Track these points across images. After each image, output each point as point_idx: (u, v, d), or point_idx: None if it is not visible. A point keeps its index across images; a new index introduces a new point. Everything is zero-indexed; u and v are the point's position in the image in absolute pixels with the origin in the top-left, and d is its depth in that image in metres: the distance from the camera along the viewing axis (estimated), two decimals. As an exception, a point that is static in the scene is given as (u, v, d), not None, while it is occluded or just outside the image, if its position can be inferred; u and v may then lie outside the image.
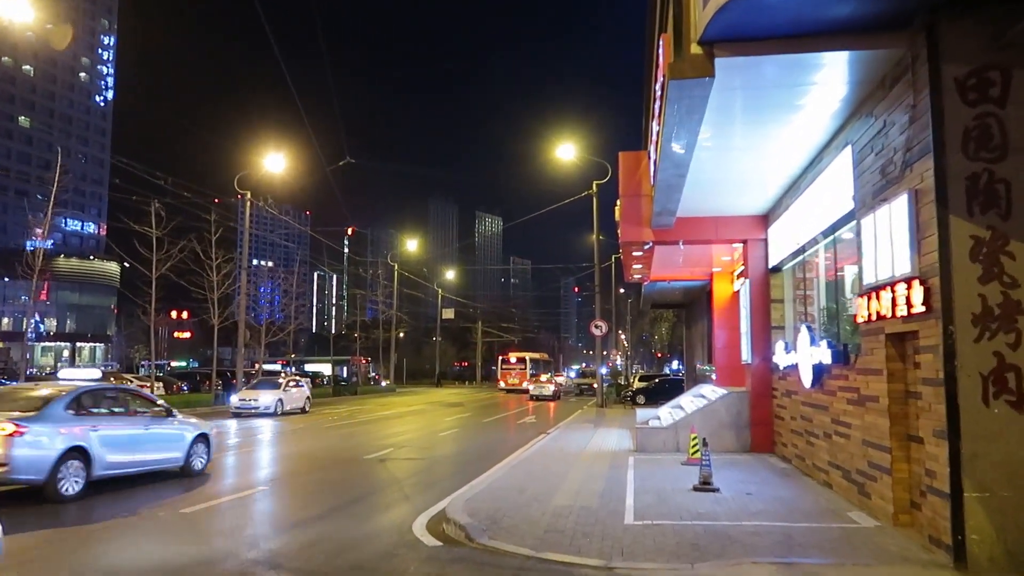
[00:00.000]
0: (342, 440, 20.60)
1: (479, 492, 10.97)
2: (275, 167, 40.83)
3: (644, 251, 18.23)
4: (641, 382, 47.82)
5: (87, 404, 11.74)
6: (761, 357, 16.15)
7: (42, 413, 10.85)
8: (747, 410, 16.31)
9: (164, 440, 12.88)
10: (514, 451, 17.34)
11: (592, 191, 39.28)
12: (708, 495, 10.68)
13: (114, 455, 11.67)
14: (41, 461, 10.42)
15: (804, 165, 12.48)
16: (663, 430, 16.75)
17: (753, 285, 16.45)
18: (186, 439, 13.27)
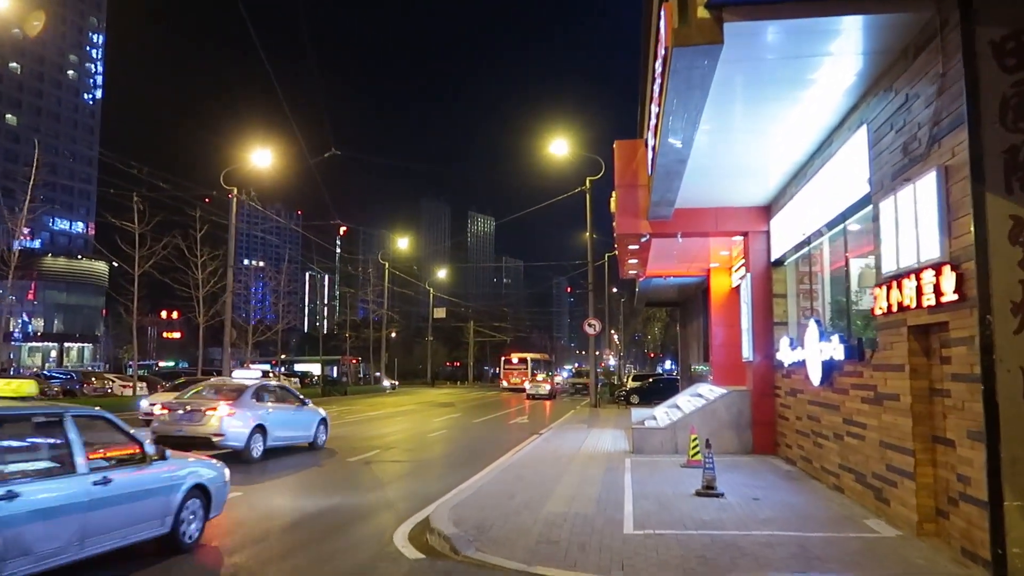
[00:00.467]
0: (327, 442, 19.83)
1: (466, 498, 10.23)
2: (262, 162, 39.93)
3: (640, 244, 17.52)
4: (635, 382, 47.15)
5: (262, 395, 16.32)
6: (763, 354, 15.46)
7: (240, 400, 15.36)
8: (748, 410, 15.62)
9: (304, 422, 17.31)
10: (505, 453, 16.61)
11: (585, 187, 38.64)
12: (712, 501, 9.95)
13: (278, 431, 16.08)
14: (241, 433, 14.86)
15: (812, 150, 11.79)
16: (660, 431, 16.04)
17: (754, 280, 15.76)
18: (315, 422, 17.59)
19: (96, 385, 35.08)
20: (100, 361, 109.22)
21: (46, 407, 7.14)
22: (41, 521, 6.01)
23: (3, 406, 6.57)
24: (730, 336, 22.35)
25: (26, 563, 5.87)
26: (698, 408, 16.32)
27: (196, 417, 14.82)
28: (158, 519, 7.44)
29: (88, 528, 6.47)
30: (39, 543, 5.98)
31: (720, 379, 22.23)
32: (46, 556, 6.06)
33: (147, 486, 7.32)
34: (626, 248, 18.07)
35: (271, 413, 15.94)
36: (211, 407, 14.88)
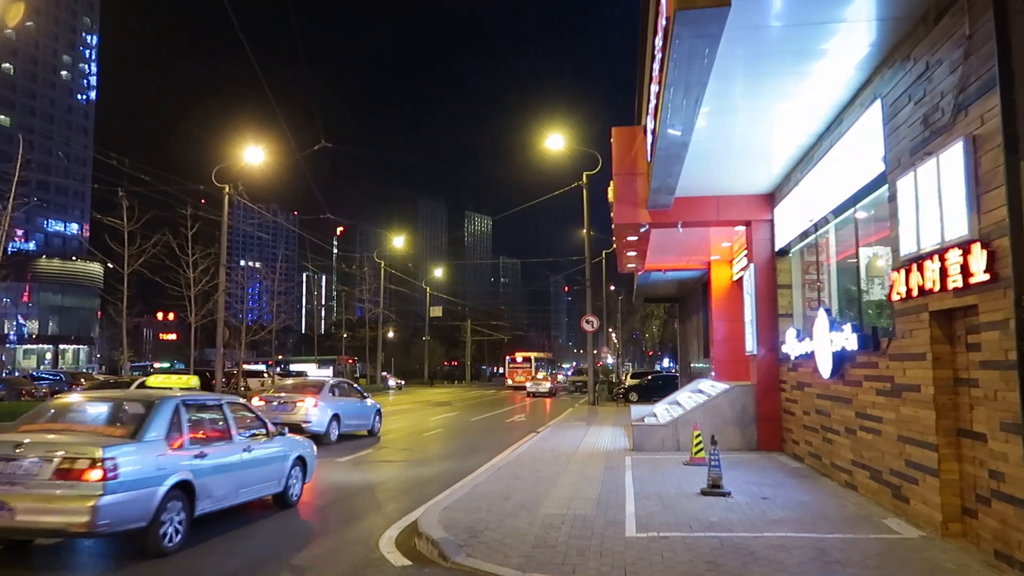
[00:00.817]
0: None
1: (459, 499, 9.67)
2: (254, 159, 39.35)
3: (639, 235, 16.95)
4: (633, 379, 46.63)
5: (335, 390, 19.47)
6: (768, 348, 14.91)
7: (322, 394, 18.55)
8: (753, 405, 15.07)
9: (365, 413, 20.52)
10: (501, 451, 16.07)
11: (582, 182, 38.10)
12: (719, 500, 9.40)
13: (347, 420, 19.14)
14: (322, 421, 17.95)
15: (819, 131, 11.24)
16: (661, 427, 15.48)
17: (758, 271, 15.21)
18: (372, 413, 20.78)
19: (86, 386, 34.41)
20: (95, 363, 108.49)
21: (211, 395, 9.78)
22: (217, 474, 8.26)
23: (191, 395, 8.74)
24: (732, 330, 21.83)
25: (209, 503, 8.12)
26: (700, 404, 15.77)
27: (288, 407, 17.98)
28: (276, 480, 9.65)
29: (240, 482, 8.76)
30: (216, 489, 8.22)
31: (722, 374, 21.71)
32: (219, 500, 8.34)
33: (271, 455, 9.52)
34: (624, 239, 17.52)
35: (342, 405, 19.26)
36: (300, 399, 18.23)
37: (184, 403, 8.13)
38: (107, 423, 7.80)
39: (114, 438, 7.26)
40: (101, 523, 6.59)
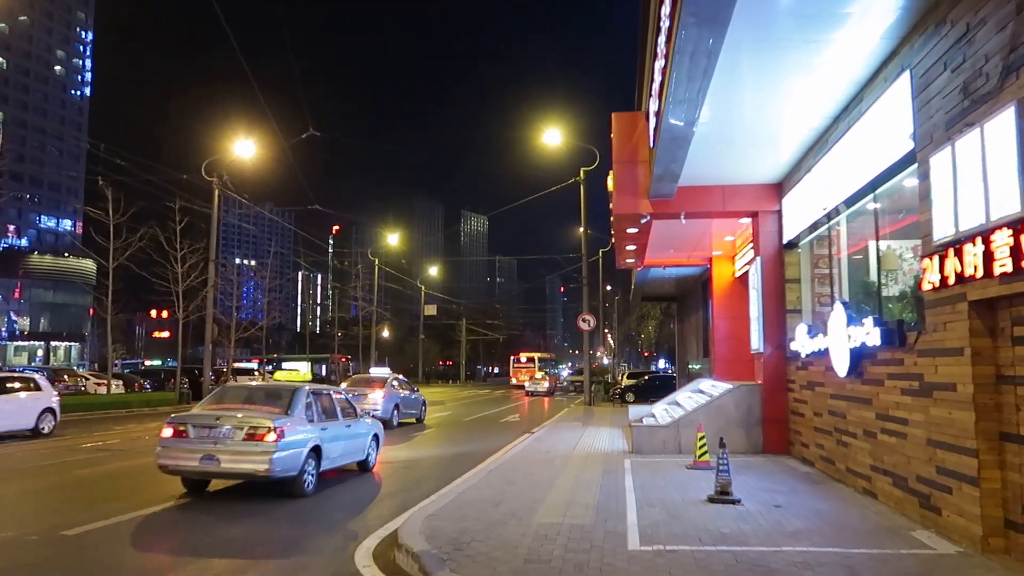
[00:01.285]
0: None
1: (444, 506, 8.89)
2: (245, 153, 38.51)
3: (640, 227, 16.18)
4: (630, 379, 45.94)
5: (394, 383, 23.27)
6: (775, 345, 14.16)
7: (386, 387, 22.23)
8: (759, 406, 14.31)
9: (417, 404, 24.93)
10: (493, 453, 15.31)
11: (579, 178, 37.34)
12: (728, 509, 8.63)
13: (404, 409, 23.06)
14: (388, 409, 21.30)
15: (836, 112, 10.50)
16: (662, 429, 14.72)
17: (765, 265, 14.46)
18: (420, 404, 25.42)
19: (68, 383, 33.55)
20: (87, 360, 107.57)
21: (324, 386, 12.89)
22: (333, 442, 11.19)
23: (311, 385, 11.96)
24: (734, 328, 21.11)
25: (327, 463, 11.02)
26: (703, 404, 15.01)
27: (360, 398, 20.24)
28: (362, 450, 12.66)
29: (344, 449, 11.76)
30: (332, 453, 11.15)
31: (723, 374, 21.00)
32: (333, 461, 11.32)
33: (360, 431, 12.55)
34: (624, 232, 16.75)
35: (401, 396, 22.93)
36: (370, 391, 22.04)
37: (310, 390, 11.26)
38: (265, 403, 10.70)
39: (275, 414, 10.16)
40: (275, 471, 9.66)
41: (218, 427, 9.76)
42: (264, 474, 9.58)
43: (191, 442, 9.80)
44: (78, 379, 34.66)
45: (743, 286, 21.43)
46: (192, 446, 9.75)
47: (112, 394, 32.02)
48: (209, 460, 9.64)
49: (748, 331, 21.44)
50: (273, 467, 9.57)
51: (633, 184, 14.60)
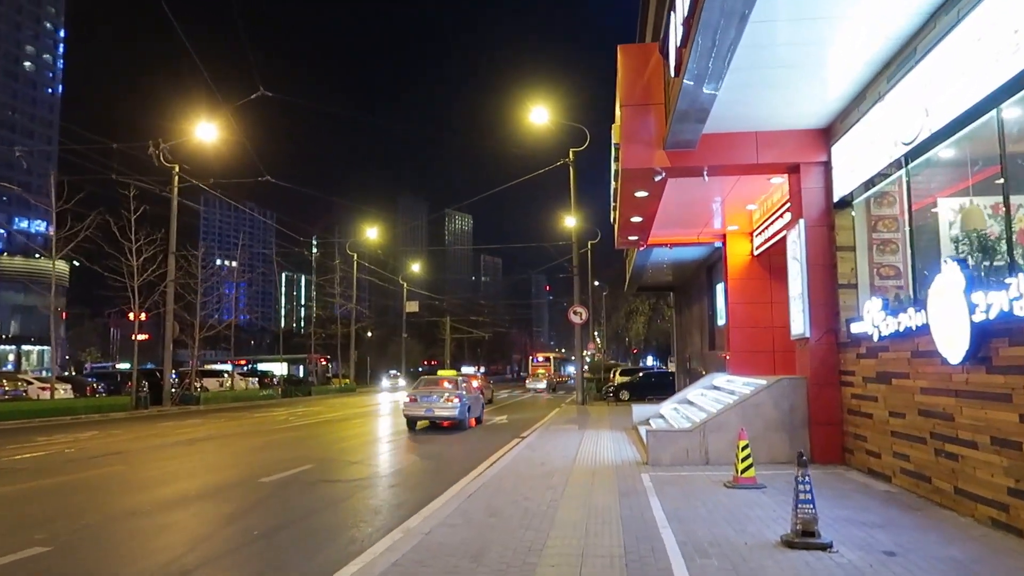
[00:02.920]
0: (251, 454, 15.58)
1: (404, 555, 6.04)
2: (206, 137, 35.45)
3: (651, 189, 13.31)
4: (623, 376, 43.21)
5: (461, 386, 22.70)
6: (824, 328, 11.40)
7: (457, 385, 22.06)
8: (804, 404, 11.54)
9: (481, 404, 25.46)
10: (476, 466, 12.49)
11: (569, 159, 34.58)
12: (821, 560, 5.82)
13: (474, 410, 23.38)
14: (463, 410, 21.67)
15: (911, 29, 7.75)
16: (684, 435, 11.90)
17: (809, 230, 11.69)
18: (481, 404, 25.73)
19: (7, 387, 30.37)
20: (57, 364, 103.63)
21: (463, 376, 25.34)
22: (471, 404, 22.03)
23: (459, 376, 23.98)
24: (752, 314, 18.43)
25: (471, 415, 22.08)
26: (733, 404, 12.17)
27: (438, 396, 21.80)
28: (479, 411, 23.70)
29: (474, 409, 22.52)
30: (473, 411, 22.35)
31: (740, 367, 18.30)
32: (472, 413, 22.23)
33: (477, 399, 23.86)
34: (631, 198, 13.90)
35: (472, 397, 23.25)
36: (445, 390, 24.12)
37: (461, 379, 22.15)
38: (448, 384, 21.20)
39: (455, 390, 20.73)
40: (456, 416, 20.31)
41: (431, 396, 20.59)
42: (456, 419, 20.44)
43: (419, 404, 20.49)
44: (18, 383, 31.38)
45: (762, 267, 18.73)
46: (419, 405, 20.47)
47: (58, 399, 28.85)
48: (428, 412, 20.36)
49: (768, 317, 18.77)
50: (456, 415, 20.28)
51: (646, 131, 11.77)
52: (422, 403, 20.19)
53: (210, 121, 34.98)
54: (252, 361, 71.13)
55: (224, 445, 17.25)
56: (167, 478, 11.86)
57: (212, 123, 35.22)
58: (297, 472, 12.31)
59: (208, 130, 35.01)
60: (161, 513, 8.91)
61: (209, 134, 35.19)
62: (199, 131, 34.73)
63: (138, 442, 17.76)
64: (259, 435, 19.77)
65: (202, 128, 34.80)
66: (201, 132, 34.79)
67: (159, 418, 27.52)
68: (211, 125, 35.42)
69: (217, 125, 35.33)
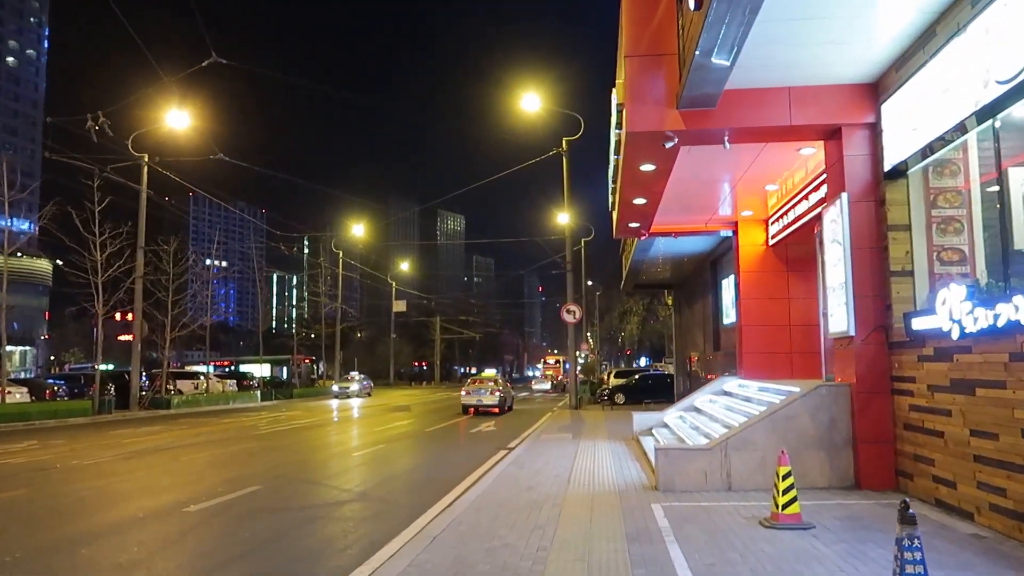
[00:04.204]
0: (198, 471, 13.51)
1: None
2: (178, 124, 33.32)
3: (659, 160, 11.25)
4: (618, 379, 41.23)
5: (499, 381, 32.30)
6: (872, 325, 9.40)
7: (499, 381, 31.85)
8: (847, 417, 9.53)
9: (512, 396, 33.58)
10: (451, 490, 10.44)
11: (562, 149, 32.57)
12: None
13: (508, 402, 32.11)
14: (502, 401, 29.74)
15: None
16: (701, 454, 9.86)
17: (853, 205, 9.67)
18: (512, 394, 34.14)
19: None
20: (36, 365, 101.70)
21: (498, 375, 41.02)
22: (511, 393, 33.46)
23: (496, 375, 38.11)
24: (767, 311, 16.46)
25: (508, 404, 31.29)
26: (760, 416, 10.11)
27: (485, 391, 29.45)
28: (512, 400, 32.72)
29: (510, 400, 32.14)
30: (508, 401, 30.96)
31: (753, 371, 16.31)
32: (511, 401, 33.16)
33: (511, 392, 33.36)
34: (635, 172, 11.83)
35: (506, 391, 30.43)
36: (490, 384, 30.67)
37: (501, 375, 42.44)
38: (493, 381, 31.47)
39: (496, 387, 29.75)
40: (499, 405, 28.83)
41: (481, 391, 29.06)
42: (496, 409, 28.52)
43: (472, 396, 28.88)
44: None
45: (778, 258, 16.75)
46: (472, 396, 28.84)
47: (9, 404, 26.69)
48: (479, 401, 28.58)
49: (785, 314, 16.74)
50: (497, 403, 28.46)
51: (655, 88, 9.73)
52: (474, 396, 29.09)
53: (176, 107, 32.84)
54: (236, 362, 68.84)
55: (174, 459, 15.13)
56: (73, 508, 9.74)
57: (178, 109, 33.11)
58: (238, 496, 10.24)
59: (171, 114, 32.84)
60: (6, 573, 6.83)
61: (176, 119, 33.07)
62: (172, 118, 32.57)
63: (76, 455, 15.64)
64: (219, 445, 17.65)
65: (175, 116, 32.65)
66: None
67: (119, 424, 25.36)
68: (182, 112, 33.35)
69: (177, 105, 33.07)
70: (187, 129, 32.22)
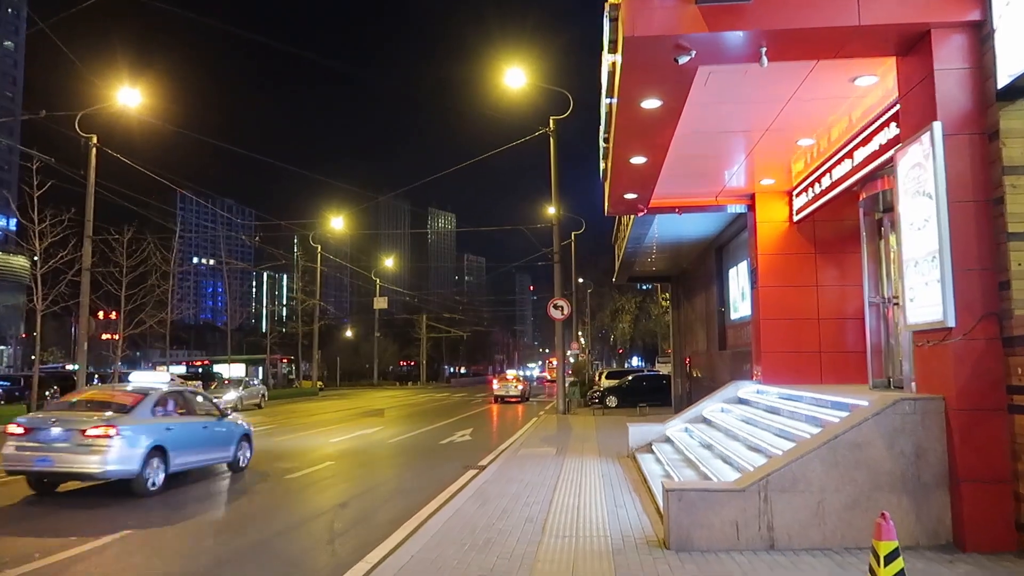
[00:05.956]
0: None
1: None
2: (131, 102, 30.31)
3: (667, 92, 8.27)
4: (610, 380, 38.35)
5: None
6: (980, 313, 6.51)
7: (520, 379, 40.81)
8: (942, 445, 6.63)
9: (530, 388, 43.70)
10: (367, 551, 7.47)
11: (549, 129, 29.65)
12: None
13: None
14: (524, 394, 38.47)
15: None
16: (731, 496, 6.90)
17: (949, 140, 6.77)
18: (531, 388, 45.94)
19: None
20: (11, 364, 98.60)
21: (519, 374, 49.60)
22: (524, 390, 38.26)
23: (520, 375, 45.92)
24: (790, 302, 13.62)
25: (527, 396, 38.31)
26: (817, 446, 7.14)
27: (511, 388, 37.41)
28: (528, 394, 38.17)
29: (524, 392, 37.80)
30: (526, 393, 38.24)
31: (772, 374, 13.47)
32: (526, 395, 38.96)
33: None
34: (635, 111, 8.87)
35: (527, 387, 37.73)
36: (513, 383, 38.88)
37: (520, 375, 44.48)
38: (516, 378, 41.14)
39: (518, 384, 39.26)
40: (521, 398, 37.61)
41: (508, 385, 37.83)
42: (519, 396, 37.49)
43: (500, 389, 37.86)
44: None
45: (804, 237, 13.89)
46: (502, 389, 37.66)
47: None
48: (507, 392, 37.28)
49: (812, 306, 13.79)
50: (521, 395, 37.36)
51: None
52: (503, 388, 34.58)
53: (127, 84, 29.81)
54: (213, 362, 65.78)
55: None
56: None
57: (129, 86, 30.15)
58: (104, 545, 7.26)
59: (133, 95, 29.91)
60: None
61: (134, 99, 30.13)
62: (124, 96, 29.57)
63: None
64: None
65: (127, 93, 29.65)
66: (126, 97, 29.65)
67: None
68: (135, 90, 30.36)
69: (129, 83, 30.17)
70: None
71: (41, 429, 10.19)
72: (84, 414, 10.57)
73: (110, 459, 9.96)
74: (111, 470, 10.04)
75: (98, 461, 9.93)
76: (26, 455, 10.06)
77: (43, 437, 10.10)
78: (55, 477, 10.49)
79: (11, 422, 10.73)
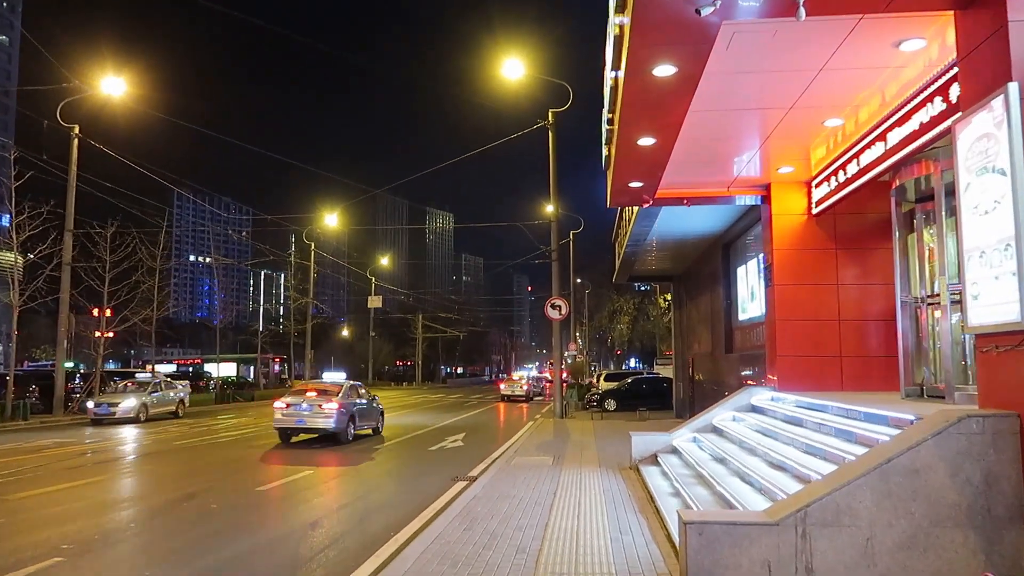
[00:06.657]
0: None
1: None
2: (114, 91, 29.26)
3: (683, 56, 7.12)
4: (608, 382, 37.32)
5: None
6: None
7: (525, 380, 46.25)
8: (1016, 473, 5.50)
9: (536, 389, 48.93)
10: (357, 567, 6.52)
11: (547, 121, 28.52)
12: None
13: None
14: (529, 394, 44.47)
15: None
16: (762, 532, 5.74)
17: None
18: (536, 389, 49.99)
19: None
20: (1, 362, 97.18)
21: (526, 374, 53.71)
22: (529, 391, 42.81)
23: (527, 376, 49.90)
24: (808, 302, 12.51)
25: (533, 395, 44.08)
26: (859, 468, 5.99)
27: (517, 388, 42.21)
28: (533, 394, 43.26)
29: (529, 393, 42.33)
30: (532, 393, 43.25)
31: (791, 379, 12.35)
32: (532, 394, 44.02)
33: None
34: (645, 80, 7.70)
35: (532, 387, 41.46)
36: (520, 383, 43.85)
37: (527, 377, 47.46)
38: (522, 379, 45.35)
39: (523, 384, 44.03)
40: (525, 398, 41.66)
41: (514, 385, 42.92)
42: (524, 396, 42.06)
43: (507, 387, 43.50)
44: None
45: (824, 232, 12.79)
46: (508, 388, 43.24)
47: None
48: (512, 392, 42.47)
49: (833, 307, 12.65)
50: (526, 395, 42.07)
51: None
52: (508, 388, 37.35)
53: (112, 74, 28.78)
54: (205, 361, 64.61)
55: None
56: None
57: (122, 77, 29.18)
58: None
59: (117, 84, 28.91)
60: None
61: (117, 88, 29.12)
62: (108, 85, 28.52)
63: None
64: (48, 480, 13.34)
65: (110, 82, 28.60)
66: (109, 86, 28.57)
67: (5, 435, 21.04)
68: (119, 79, 29.33)
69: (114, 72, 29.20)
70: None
71: (295, 405, 17.60)
72: (314, 398, 17.84)
73: (333, 422, 17.53)
74: (332, 428, 17.58)
75: (326, 422, 17.55)
76: (291, 418, 17.61)
77: (297, 409, 17.56)
78: (299, 432, 18.06)
79: (276, 399, 18.74)
